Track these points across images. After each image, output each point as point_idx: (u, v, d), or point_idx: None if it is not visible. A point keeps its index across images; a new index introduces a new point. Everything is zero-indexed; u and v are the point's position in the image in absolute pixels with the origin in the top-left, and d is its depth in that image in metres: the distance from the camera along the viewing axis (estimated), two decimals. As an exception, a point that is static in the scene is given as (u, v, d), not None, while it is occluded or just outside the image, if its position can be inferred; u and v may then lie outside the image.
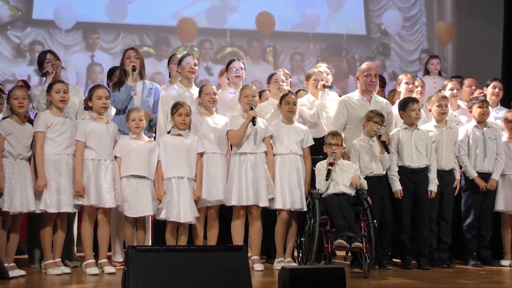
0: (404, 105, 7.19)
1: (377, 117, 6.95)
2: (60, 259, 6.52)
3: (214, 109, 7.02)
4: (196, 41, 10.83)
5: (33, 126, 6.50)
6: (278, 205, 6.79)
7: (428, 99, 7.52)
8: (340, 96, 7.78)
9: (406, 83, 7.78)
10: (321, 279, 4.94)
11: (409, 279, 6.46)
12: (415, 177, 7.06)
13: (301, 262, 6.77)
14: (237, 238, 6.80)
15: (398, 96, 7.91)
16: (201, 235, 6.86)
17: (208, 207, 6.83)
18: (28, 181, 6.33)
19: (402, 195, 6.98)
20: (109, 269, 6.48)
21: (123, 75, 7.10)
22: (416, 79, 8.10)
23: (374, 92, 7.37)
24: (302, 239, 6.78)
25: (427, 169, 7.10)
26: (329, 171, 6.64)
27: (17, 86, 7.15)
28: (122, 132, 6.82)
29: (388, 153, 6.91)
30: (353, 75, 10.27)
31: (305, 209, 6.79)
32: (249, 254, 6.47)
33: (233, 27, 10.98)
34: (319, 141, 7.08)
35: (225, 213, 6.90)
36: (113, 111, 7.13)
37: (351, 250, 6.51)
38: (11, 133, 6.32)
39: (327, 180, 6.65)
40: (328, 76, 7.87)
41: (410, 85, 7.77)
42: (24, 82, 7.82)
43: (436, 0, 11.85)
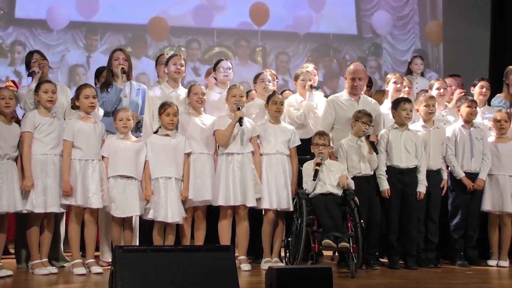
0: (396, 104, 7.19)
1: (365, 117, 6.94)
2: (47, 259, 6.51)
3: (202, 109, 7.02)
4: (184, 41, 10.79)
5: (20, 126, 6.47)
6: (264, 205, 6.80)
7: (416, 99, 7.54)
8: (327, 96, 7.78)
9: (395, 82, 7.78)
10: (308, 279, 4.96)
11: (396, 279, 6.47)
12: (404, 177, 7.06)
13: (288, 262, 6.77)
14: (224, 238, 6.79)
15: (386, 96, 7.92)
16: (188, 235, 6.86)
17: (195, 207, 6.83)
18: (15, 181, 6.31)
19: (389, 195, 6.99)
20: (96, 269, 6.46)
21: (110, 76, 7.08)
22: (404, 79, 8.10)
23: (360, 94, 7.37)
24: (289, 239, 6.78)
25: (416, 169, 7.10)
26: (316, 171, 6.64)
27: (4, 86, 7.13)
28: (109, 132, 6.80)
29: (377, 153, 6.91)
30: (343, 76, 10.25)
31: (291, 209, 6.79)
32: (236, 254, 6.46)
33: (221, 27, 10.94)
34: (307, 141, 7.08)
35: (212, 213, 6.90)
36: (100, 111, 7.10)
37: (338, 250, 6.51)
38: (-2, 133, 6.30)
39: (314, 180, 6.65)
40: (315, 77, 7.88)
41: (398, 85, 7.77)
42: (14, 82, 7.81)
43: (429, -1, 11.82)
